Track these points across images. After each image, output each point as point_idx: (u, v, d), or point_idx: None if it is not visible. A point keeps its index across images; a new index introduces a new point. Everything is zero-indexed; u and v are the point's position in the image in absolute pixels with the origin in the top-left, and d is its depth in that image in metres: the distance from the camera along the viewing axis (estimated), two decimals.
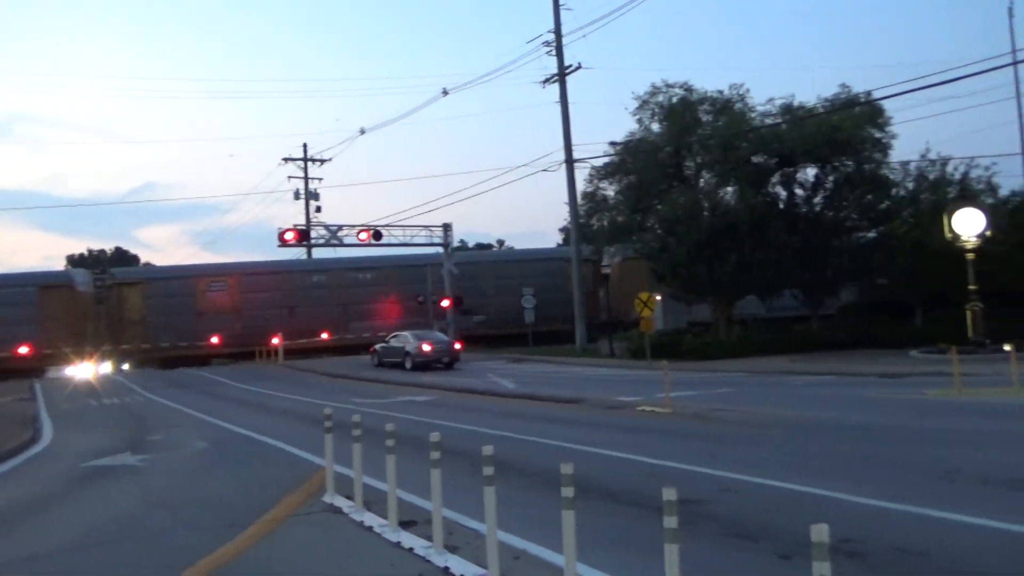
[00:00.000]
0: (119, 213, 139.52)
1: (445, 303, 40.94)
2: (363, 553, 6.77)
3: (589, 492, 8.66)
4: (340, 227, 40.55)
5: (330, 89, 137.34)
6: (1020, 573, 5.61)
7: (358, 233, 39.57)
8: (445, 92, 42.98)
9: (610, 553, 6.44)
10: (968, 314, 25.52)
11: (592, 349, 36.94)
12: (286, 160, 58.68)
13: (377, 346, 36.06)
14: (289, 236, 38.65)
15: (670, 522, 4.24)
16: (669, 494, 4.27)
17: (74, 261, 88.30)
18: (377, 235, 39.60)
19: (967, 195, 29.18)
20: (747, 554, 6.44)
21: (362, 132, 52.24)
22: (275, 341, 43.63)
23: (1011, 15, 44.85)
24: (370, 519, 7.67)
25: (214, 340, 45.00)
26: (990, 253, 26.39)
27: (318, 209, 56.87)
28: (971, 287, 25.25)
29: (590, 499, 8.35)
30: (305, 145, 59.13)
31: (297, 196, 57.67)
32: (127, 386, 31.20)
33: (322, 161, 58.87)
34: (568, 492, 4.94)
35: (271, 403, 22.49)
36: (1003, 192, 32.27)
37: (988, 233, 25.39)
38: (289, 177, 59.53)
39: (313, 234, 41.91)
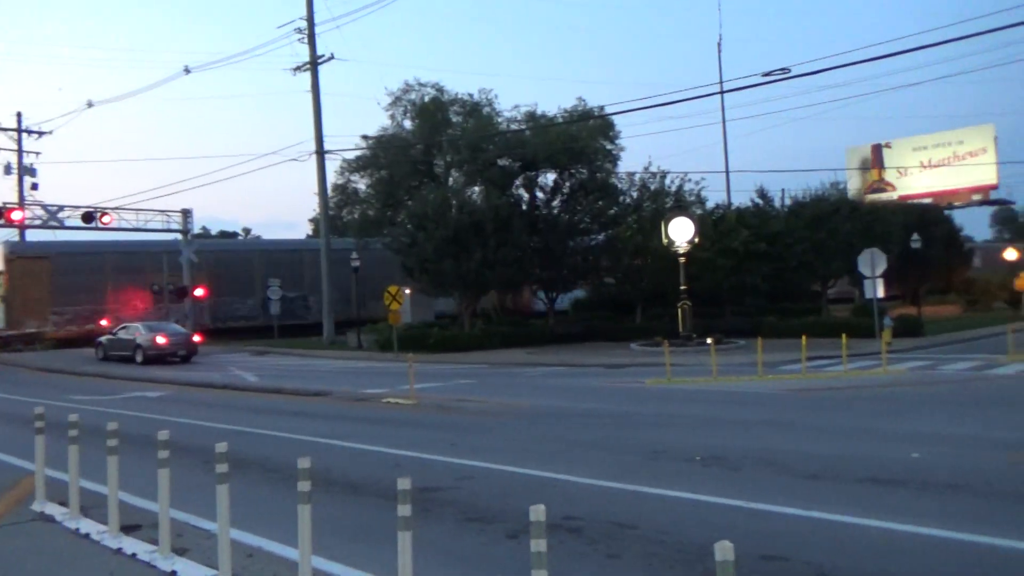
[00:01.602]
0: None
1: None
2: (78, 562, 6.27)
3: (332, 485, 8.68)
4: (61, 207, 36.57)
5: (52, 55, 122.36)
6: (708, 534, 6.47)
7: (82, 215, 35.87)
8: (187, 70, 40.34)
9: (350, 545, 6.53)
10: (679, 311, 28.59)
11: (340, 342, 36.55)
12: None
13: (103, 338, 32.97)
14: None
15: (404, 510, 4.43)
16: (403, 484, 4.45)
17: None
18: (105, 218, 36.17)
19: (681, 206, 32.65)
20: (480, 536, 6.82)
21: (89, 105, 47.38)
22: None
23: (720, 49, 50.77)
24: (87, 526, 7.10)
25: None
26: (697, 258, 29.75)
27: (34, 186, 50.95)
28: (682, 287, 28.32)
29: (332, 492, 8.37)
30: (19, 114, 52.59)
31: (9, 171, 51.07)
32: None
33: (40, 133, 52.60)
34: (305, 486, 4.96)
35: None
36: (710, 204, 36.63)
37: (696, 240, 28.62)
38: None
39: (27, 214, 37.39)
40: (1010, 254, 44.58)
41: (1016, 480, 8.09)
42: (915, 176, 60.47)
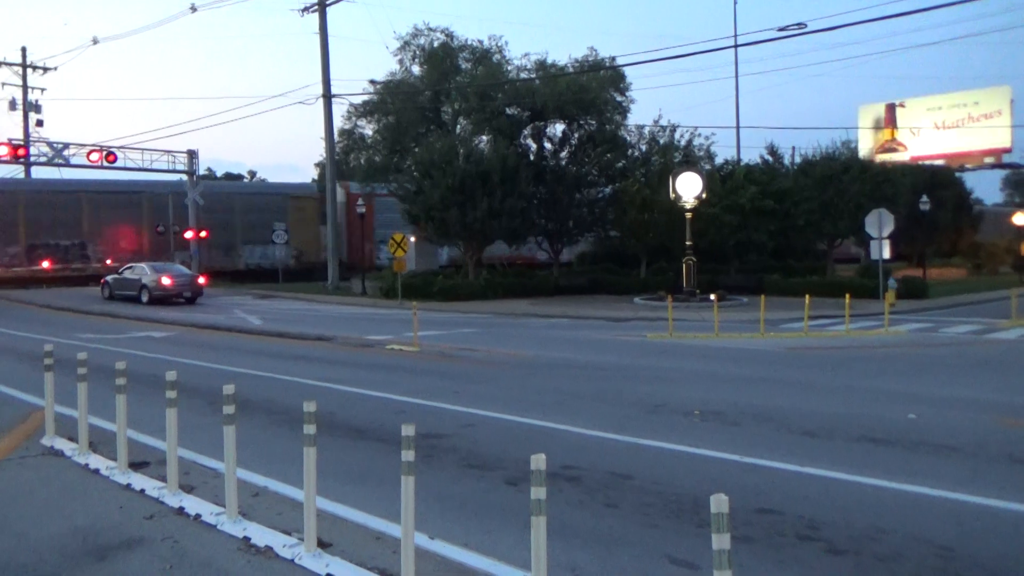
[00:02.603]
0: None
1: (189, 234, 38.63)
2: (88, 496, 6.43)
3: (336, 429, 8.84)
4: (66, 145, 36.49)
5: None
6: (705, 487, 6.60)
7: (88, 153, 35.84)
8: (193, 8, 39.70)
9: (353, 487, 6.68)
10: (684, 267, 28.58)
11: (344, 288, 36.70)
12: None
13: (109, 278, 33.15)
14: (1, 151, 34.03)
15: (407, 456, 4.53)
16: (407, 430, 4.55)
17: None
18: (111, 157, 36.07)
19: (689, 160, 32.39)
20: (481, 482, 6.97)
21: (95, 41, 46.97)
22: None
23: (735, 1, 49.85)
24: (96, 461, 7.26)
25: None
26: (704, 213, 29.63)
27: (39, 123, 50.84)
28: (687, 243, 28.26)
29: (336, 436, 8.53)
30: (24, 49, 52.21)
31: (13, 107, 50.91)
32: None
33: (45, 69, 52.29)
34: (310, 429, 5.06)
35: None
36: (719, 160, 36.34)
37: (704, 196, 28.46)
38: (3, 84, 52.45)
39: (33, 151, 37.36)
40: (1019, 218, 44.23)
41: (1009, 443, 8.19)
42: (928, 137, 59.75)
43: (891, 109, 62.18)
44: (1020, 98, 57.80)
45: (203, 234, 39.58)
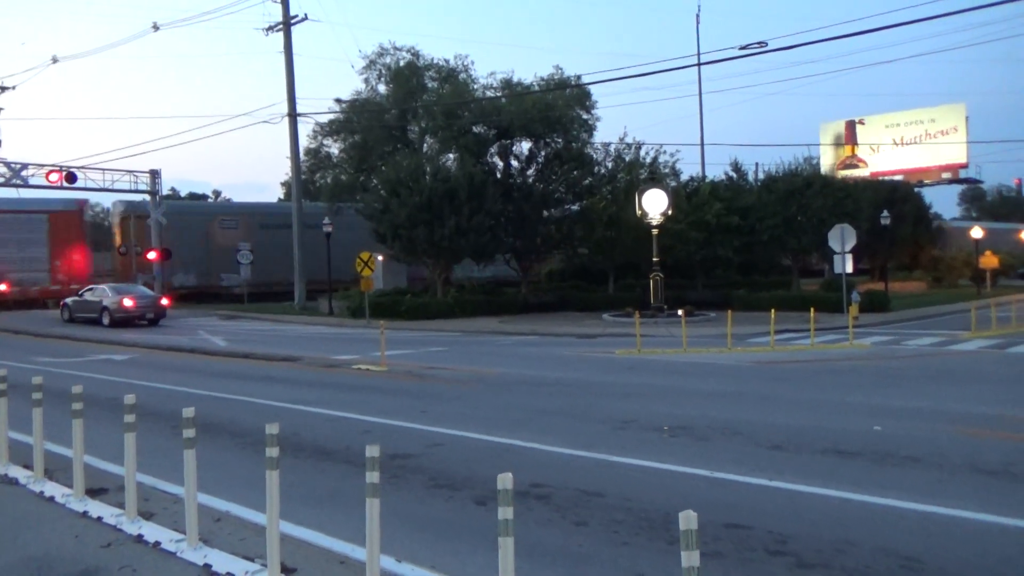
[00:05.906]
0: None
1: (152, 255, 37.99)
2: (43, 525, 6.22)
3: (301, 451, 8.69)
4: (25, 165, 35.82)
5: (14, 8, 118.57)
6: (674, 503, 6.58)
7: (48, 173, 35.21)
8: (156, 27, 39.30)
9: (318, 510, 6.55)
10: (651, 283, 28.73)
11: (312, 307, 36.34)
12: None
13: (68, 300, 32.48)
14: None
15: (372, 477, 4.44)
16: (372, 451, 4.46)
17: None
18: (71, 177, 35.51)
19: (655, 177, 32.65)
20: (448, 503, 6.87)
21: (54, 60, 46.17)
22: None
23: (698, 21, 50.73)
24: (52, 489, 7.04)
25: None
26: (670, 230, 29.86)
27: None
28: (654, 259, 28.42)
29: (301, 458, 8.38)
30: None
31: None
32: None
33: (3, 88, 51.26)
34: (273, 452, 4.95)
35: None
36: (684, 177, 36.71)
37: (669, 212, 28.68)
38: None
39: None
40: (976, 232, 45.26)
41: (971, 453, 8.29)
42: (887, 153, 61.01)
43: (851, 126, 63.43)
44: (975, 115, 59.43)
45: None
